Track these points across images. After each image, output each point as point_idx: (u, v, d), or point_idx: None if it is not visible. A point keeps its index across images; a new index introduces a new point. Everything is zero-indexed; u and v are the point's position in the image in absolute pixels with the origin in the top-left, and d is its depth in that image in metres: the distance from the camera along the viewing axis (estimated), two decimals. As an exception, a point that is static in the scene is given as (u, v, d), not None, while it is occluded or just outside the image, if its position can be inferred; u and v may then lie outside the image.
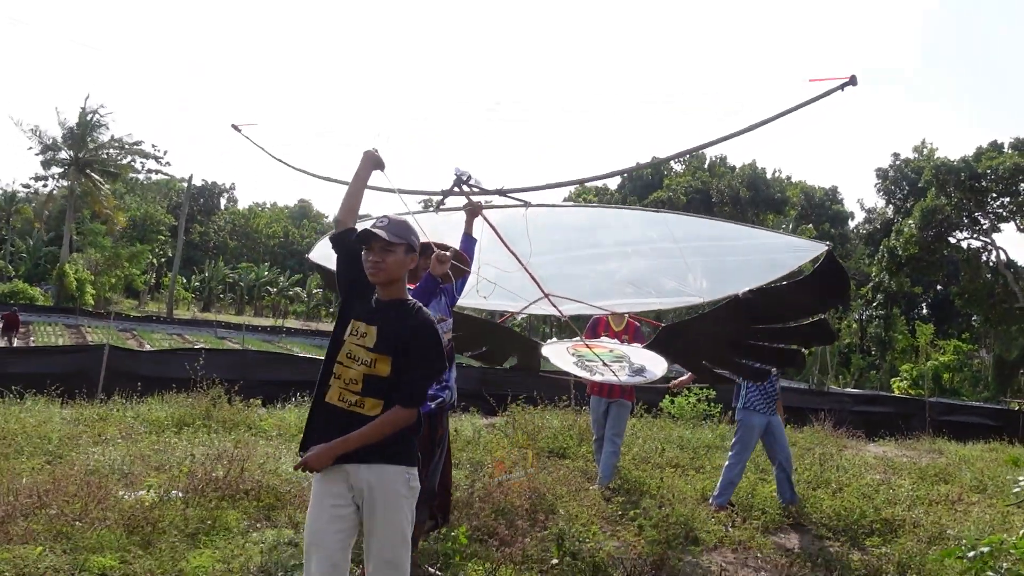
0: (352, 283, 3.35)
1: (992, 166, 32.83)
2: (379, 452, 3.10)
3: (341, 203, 3.53)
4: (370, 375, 3.12)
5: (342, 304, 3.36)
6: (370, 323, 3.17)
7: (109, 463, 6.68)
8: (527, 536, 4.88)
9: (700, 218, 7.11)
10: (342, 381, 3.16)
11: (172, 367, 12.72)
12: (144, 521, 5.00)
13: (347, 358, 3.17)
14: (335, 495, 3.11)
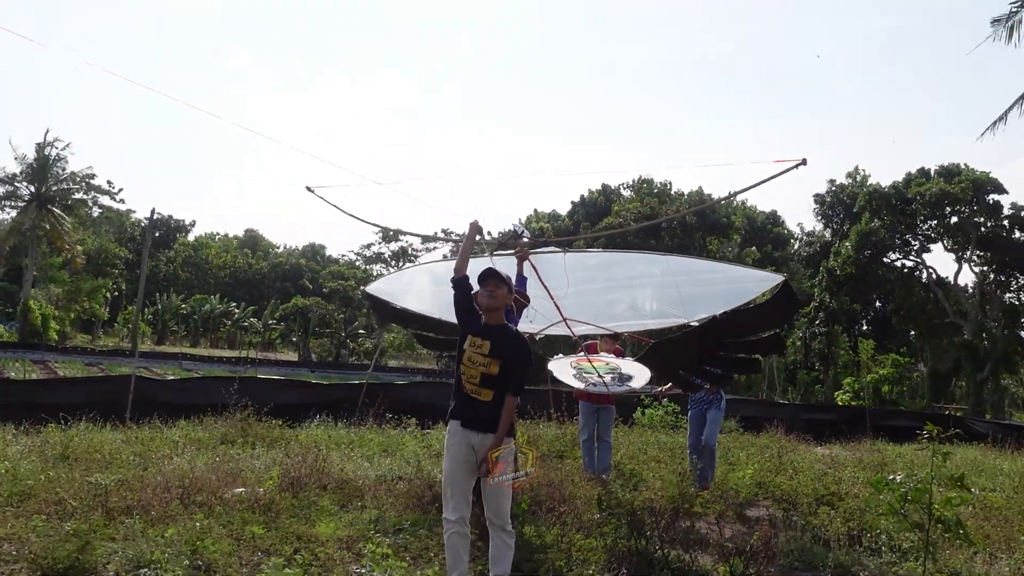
0: (468, 311, 4.90)
1: (920, 192, 35.46)
2: (489, 424, 4.68)
3: (458, 259, 5.11)
4: (485, 373, 4.70)
5: (461, 325, 4.92)
6: (484, 338, 4.75)
7: (194, 469, 8.00)
8: (565, 505, 6.41)
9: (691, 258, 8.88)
10: (466, 376, 4.72)
11: (192, 394, 13.98)
12: (264, 506, 6.40)
13: (468, 361, 4.75)
14: (465, 450, 4.71)
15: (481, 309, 4.86)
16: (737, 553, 5.72)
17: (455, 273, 5.04)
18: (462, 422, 4.76)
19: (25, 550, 5.16)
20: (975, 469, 12.16)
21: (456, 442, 4.76)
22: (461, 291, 4.97)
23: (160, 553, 5.00)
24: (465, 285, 4.97)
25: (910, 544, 6.17)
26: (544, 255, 6.51)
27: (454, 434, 4.79)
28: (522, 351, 4.78)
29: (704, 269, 7.53)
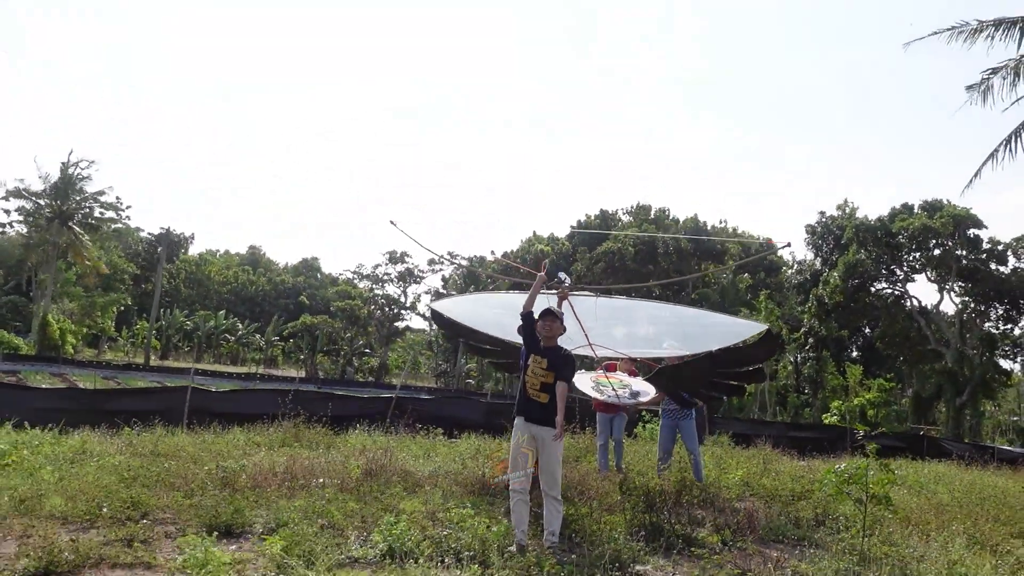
0: (531, 336, 6.65)
1: (904, 226, 37.44)
2: (544, 419, 6.40)
3: (527, 301, 6.84)
4: (544, 382, 6.44)
5: (526, 346, 6.68)
6: (543, 357, 6.51)
7: (276, 464, 9.64)
8: (592, 491, 8.12)
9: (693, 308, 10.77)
10: (530, 384, 6.46)
11: (242, 405, 15.64)
12: (351, 489, 8.07)
13: (531, 374, 6.50)
14: (527, 438, 6.42)
15: (540, 336, 6.63)
16: (727, 527, 7.44)
17: (524, 309, 6.79)
18: (525, 417, 6.53)
19: (185, 515, 6.85)
20: (936, 479, 13.81)
21: (521, 432, 6.50)
22: (527, 323, 6.72)
23: (295, 515, 6.69)
24: (530, 318, 6.72)
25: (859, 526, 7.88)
26: (580, 297, 8.41)
27: (519, 426, 6.54)
28: (568, 359, 6.61)
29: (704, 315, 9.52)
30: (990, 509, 9.92)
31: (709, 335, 9.58)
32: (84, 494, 7.09)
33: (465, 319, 10.10)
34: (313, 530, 6.21)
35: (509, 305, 9.09)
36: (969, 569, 6.43)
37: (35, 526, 6.11)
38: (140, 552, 5.75)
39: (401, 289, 64.63)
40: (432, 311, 10.87)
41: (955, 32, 18.48)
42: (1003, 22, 18.44)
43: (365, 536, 6.38)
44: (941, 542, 7.60)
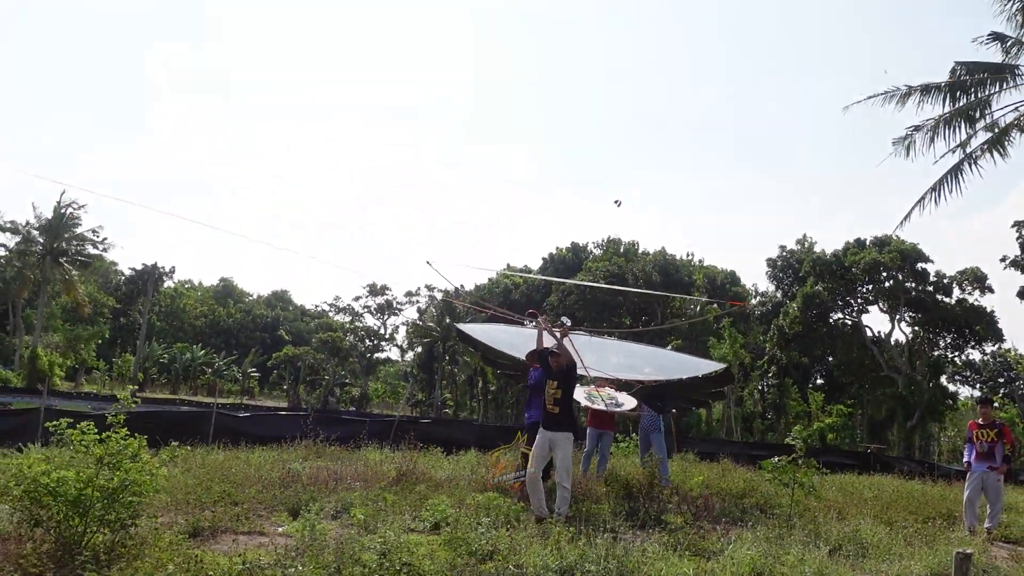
0: (545, 366, 8.77)
1: (856, 260, 40.20)
2: (559, 426, 8.50)
3: (537, 343, 8.97)
4: (555, 397, 8.54)
5: (544, 373, 8.82)
6: (554, 380, 8.62)
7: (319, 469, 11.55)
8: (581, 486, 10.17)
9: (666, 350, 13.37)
10: (547, 400, 8.58)
11: (260, 427, 17.52)
12: (386, 487, 10.03)
13: (547, 393, 8.59)
14: (545, 440, 8.50)
15: (552, 364, 8.79)
16: (688, 511, 9.52)
17: (537, 346, 9.00)
18: (544, 426, 8.63)
19: (268, 502, 8.79)
20: (872, 485, 15.95)
21: (541, 438, 8.61)
22: (541, 357, 8.90)
23: (356, 499, 8.66)
24: (545, 352, 8.89)
25: (791, 510, 10.00)
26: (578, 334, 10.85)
27: (541, 433, 8.65)
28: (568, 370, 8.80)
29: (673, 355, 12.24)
30: (905, 504, 12.09)
31: (681, 368, 12.05)
32: (181, 490, 8.99)
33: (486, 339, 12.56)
34: (375, 510, 8.19)
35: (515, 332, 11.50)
36: (868, 535, 8.54)
37: (171, 508, 8.02)
38: (251, 524, 7.70)
39: (380, 321, 66.40)
40: (458, 330, 13.91)
41: (888, 96, 21.00)
42: (930, 87, 21.01)
43: (415, 515, 8.37)
44: (853, 524, 9.72)
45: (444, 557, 6.27)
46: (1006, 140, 20.58)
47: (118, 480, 6.03)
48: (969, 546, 8.37)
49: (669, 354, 14.53)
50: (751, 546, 7.22)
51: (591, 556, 6.36)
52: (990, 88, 21.14)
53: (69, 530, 5.99)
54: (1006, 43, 21.00)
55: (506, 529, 7.39)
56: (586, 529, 7.80)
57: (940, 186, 20.94)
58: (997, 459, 10.87)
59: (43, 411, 17.06)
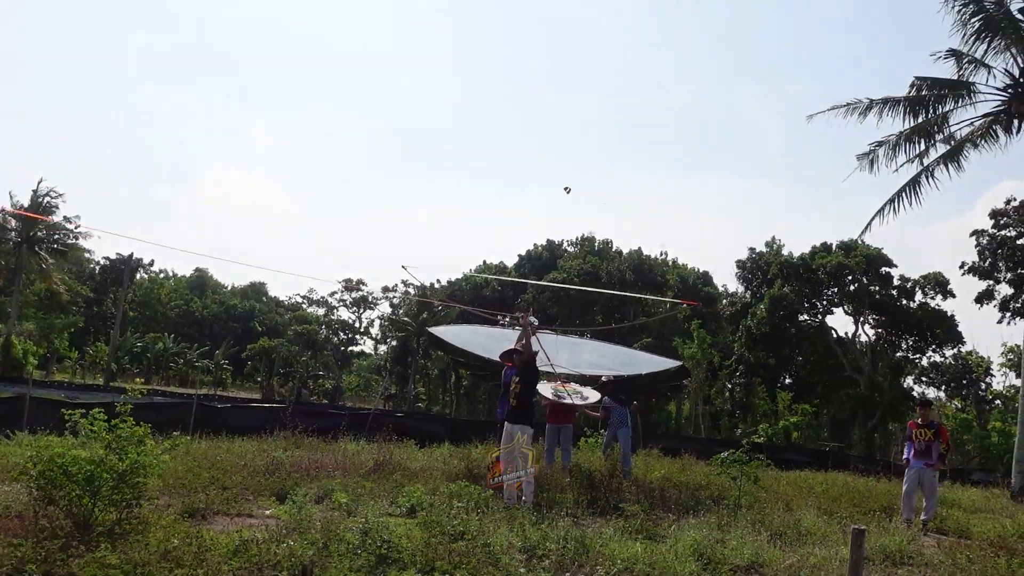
0: (512, 364, 9.50)
1: (823, 264, 41.35)
2: (516, 419, 9.28)
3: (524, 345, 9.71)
4: (515, 392, 9.29)
5: (512, 370, 9.55)
6: (518, 376, 9.38)
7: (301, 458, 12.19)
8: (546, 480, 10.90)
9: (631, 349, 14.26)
10: (512, 395, 9.32)
11: (241, 418, 18.08)
12: (364, 475, 10.70)
13: (513, 389, 9.31)
14: (509, 431, 9.27)
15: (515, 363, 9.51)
16: (646, 500, 10.28)
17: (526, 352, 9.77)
18: (508, 419, 9.33)
19: (255, 487, 9.43)
20: (825, 481, 16.81)
21: (507, 429, 9.33)
22: (508, 355, 9.61)
23: (337, 486, 9.33)
24: (511, 354, 9.61)
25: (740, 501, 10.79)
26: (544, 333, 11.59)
27: (506, 425, 9.36)
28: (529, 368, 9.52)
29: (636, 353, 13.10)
30: (851, 498, 12.94)
31: (640, 364, 12.83)
32: (172, 475, 9.60)
33: (455, 341, 13.20)
34: (355, 495, 8.87)
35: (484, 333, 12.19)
36: (808, 523, 9.34)
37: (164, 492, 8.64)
38: (240, 507, 8.35)
39: (356, 315, 66.81)
40: (428, 333, 14.48)
41: (850, 108, 21.94)
42: (889, 100, 21.97)
43: (392, 500, 9.06)
44: (798, 513, 10.53)
45: (420, 537, 6.95)
46: (960, 155, 21.59)
47: (128, 462, 6.66)
48: (901, 535, 9.22)
49: (634, 353, 15.59)
50: (696, 530, 7.97)
51: (552, 537, 7.08)
52: (948, 104, 22.14)
53: (80, 508, 6.60)
54: (962, 60, 21.94)
55: (476, 514, 8.07)
56: (549, 514, 8.52)
57: (899, 197, 21.93)
58: (933, 456, 11.75)
59: (28, 399, 17.56)
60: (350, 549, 6.38)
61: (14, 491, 7.93)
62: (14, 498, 7.60)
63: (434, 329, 15.76)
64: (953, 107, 21.93)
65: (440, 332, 14.98)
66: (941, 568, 7.95)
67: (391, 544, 6.53)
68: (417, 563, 6.30)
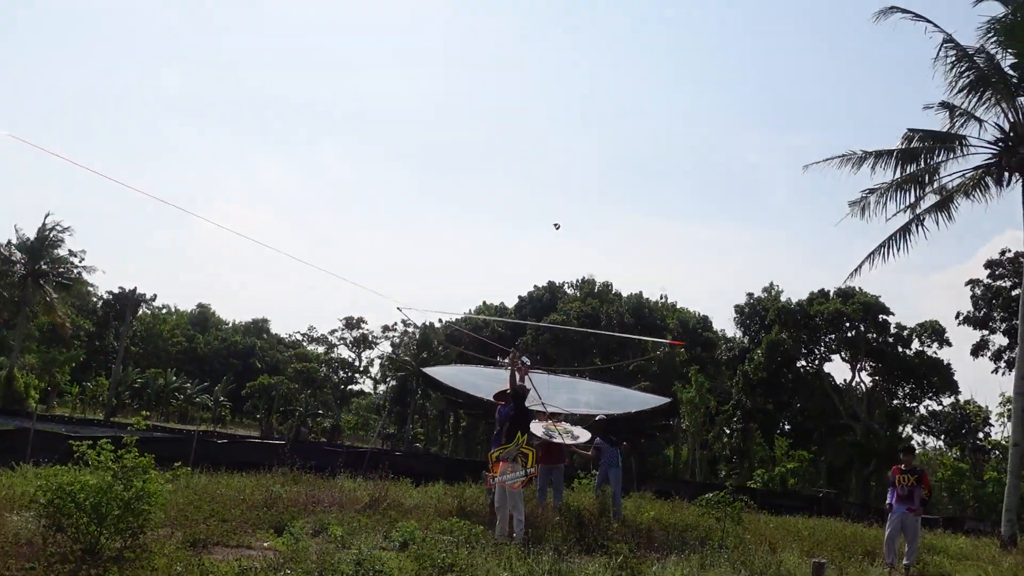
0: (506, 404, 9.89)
1: (820, 310, 41.79)
2: None
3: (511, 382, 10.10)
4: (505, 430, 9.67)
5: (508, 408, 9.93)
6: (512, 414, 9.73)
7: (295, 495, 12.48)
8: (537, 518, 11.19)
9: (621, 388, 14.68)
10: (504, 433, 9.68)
11: (240, 453, 18.36)
12: (359, 511, 11.00)
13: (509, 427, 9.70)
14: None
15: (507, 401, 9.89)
16: (632, 540, 10.56)
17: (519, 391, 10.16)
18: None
19: (253, 520, 9.74)
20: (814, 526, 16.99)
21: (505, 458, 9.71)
22: (502, 395, 9.99)
23: (333, 520, 9.63)
24: (505, 393, 10.00)
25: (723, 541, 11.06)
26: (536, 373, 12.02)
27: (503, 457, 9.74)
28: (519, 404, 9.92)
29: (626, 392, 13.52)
30: (836, 542, 13.19)
31: (630, 403, 13.15)
32: (174, 507, 9.91)
33: (449, 381, 13.61)
34: (350, 530, 9.18)
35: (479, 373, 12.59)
36: (790, 564, 9.62)
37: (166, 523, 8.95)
38: (240, 539, 8.67)
39: (356, 353, 67.09)
40: (423, 374, 14.81)
41: (844, 159, 22.53)
42: (883, 152, 22.55)
43: (386, 534, 9.37)
44: (782, 556, 10.80)
45: (411, 568, 7.27)
46: (951, 205, 22.11)
47: (134, 491, 7.00)
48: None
49: (626, 391, 16.14)
50: (677, 567, 8.27)
51: (537, 571, 7.39)
52: (940, 155, 22.71)
53: (87, 536, 6.93)
54: (954, 112, 22.53)
55: (465, 548, 8.38)
56: (536, 549, 8.82)
57: (889, 243, 22.41)
58: (916, 502, 12.04)
59: (33, 432, 17.89)
60: (343, 578, 6.69)
61: (23, 519, 8.25)
62: (23, 526, 7.91)
63: (428, 369, 16.29)
64: (945, 159, 22.50)
65: (434, 372, 15.49)
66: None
67: (383, 574, 6.85)
68: (407, 592, 6.62)
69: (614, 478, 13.63)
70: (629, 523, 12.32)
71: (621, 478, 13.86)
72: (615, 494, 13.44)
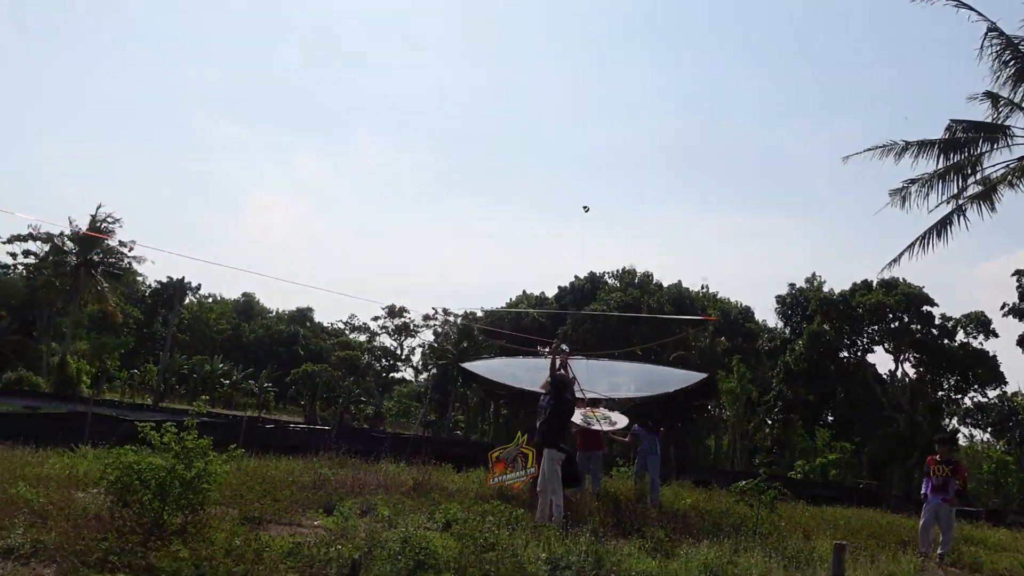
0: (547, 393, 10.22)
1: (863, 301, 41.44)
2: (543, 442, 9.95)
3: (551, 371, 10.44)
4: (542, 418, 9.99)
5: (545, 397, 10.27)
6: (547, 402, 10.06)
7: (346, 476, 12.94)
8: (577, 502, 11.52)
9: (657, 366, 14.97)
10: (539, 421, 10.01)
11: (287, 438, 18.94)
12: (404, 493, 11.41)
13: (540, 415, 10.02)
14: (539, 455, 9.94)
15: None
16: (669, 525, 10.84)
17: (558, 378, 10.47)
18: (538, 442, 9.99)
19: (303, 500, 10.19)
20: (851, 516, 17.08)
21: (537, 453, 10.00)
22: (544, 385, 10.32)
23: (379, 501, 10.05)
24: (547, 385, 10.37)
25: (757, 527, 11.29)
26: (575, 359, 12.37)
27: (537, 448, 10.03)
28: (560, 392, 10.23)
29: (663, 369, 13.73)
30: (872, 530, 13.32)
31: (669, 382, 13.48)
32: (228, 487, 10.40)
33: (487, 374, 13.96)
34: (396, 510, 9.58)
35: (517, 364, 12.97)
36: (823, 551, 9.82)
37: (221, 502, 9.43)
38: (291, 517, 9.12)
39: (397, 342, 67.90)
40: (462, 368, 15.14)
41: (885, 149, 22.36)
42: (925, 143, 22.35)
43: (430, 515, 9.76)
44: (815, 544, 10.99)
45: (454, 546, 7.63)
46: (994, 196, 21.86)
47: (195, 471, 7.45)
48: (908, 564, 9.68)
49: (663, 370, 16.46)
50: (709, 551, 8.54)
51: (574, 551, 7.72)
52: (983, 146, 22.46)
53: (151, 511, 7.40)
54: (999, 103, 22.26)
55: (506, 529, 8.73)
56: (574, 531, 9.16)
57: (930, 235, 22.23)
58: (950, 492, 12.15)
59: (90, 416, 18.64)
60: (391, 555, 7.08)
61: (89, 496, 8.77)
62: (90, 502, 8.42)
63: (467, 364, 16.74)
64: (988, 150, 22.23)
65: (473, 367, 15.88)
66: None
67: (428, 551, 7.22)
68: (451, 569, 6.98)
69: (652, 466, 13.91)
70: (666, 510, 12.58)
71: (659, 466, 14.11)
72: (653, 481, 13.73)
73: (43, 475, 10.35)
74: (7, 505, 7.87)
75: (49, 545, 6.54)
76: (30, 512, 7.63)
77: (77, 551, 6.29)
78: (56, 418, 21.02)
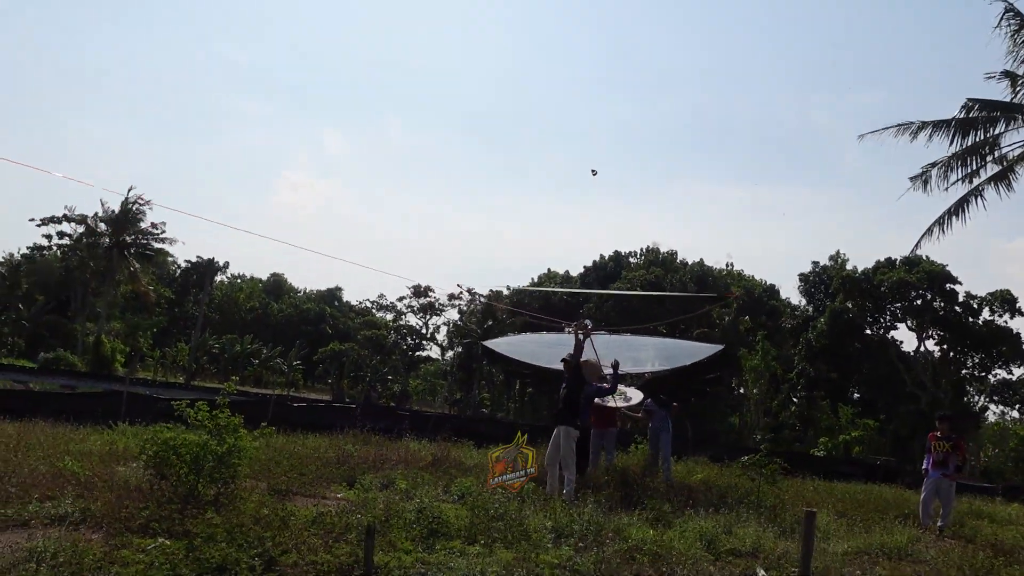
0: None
1: (885, 279, 41.48)
2: (560, 420, 10.50)
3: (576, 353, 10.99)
4: (561, 395, 10.55)
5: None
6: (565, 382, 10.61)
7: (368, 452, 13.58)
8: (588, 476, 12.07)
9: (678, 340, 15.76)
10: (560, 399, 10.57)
11: (314, 416, 19.63)
12: (423, 468, 12.02)
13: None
14: (554, 431, 10.52)
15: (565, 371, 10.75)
16: (676, 498, 11.35)
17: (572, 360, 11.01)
18: (555, 420, 10.54)
19: (328, 475, 10.83)
20: (860, 491, 17.50)
21: (555, 430, 10.55)
22: (565, 365, 10.84)
23: (399, 476, 10.66)
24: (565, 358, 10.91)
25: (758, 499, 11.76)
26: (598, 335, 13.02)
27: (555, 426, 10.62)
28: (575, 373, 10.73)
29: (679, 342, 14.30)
30: (875, 504, 13.76)
31: (683, 355, 14.07)
32: (256, 462, 11.05)
33: (509, 352, 14.58)
34: (414, 484, 10.19)
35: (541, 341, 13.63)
36: (822, 523, 10.29)
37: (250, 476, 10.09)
38: (315, 490, 9.75)
39: (423, 321, 68.74)
40: (484, 347, 15.79)
41: (901, 129, 22.53)
42: (941, 123, 22.49)
43: (445, 488, 10.36)
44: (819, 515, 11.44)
45: (466, 516, 8.22)
46: (1011, 175, 21.99)
47: (227, 446, 8.08)
48: (904, 535, 10.13)
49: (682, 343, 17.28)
50: (707, 521, 9.05)
51: (577, 520, 8.28)
52: (1000, 126, 22.56)
53: (186, 484, 8.03)
54: (1017, 81, 22.32)
55: (516, 502, 9.31)
56: (580, 502, 9.72)
57: (948, 217, 22.43)
58: (950, 468, 12.56)
59: (126, 395, 19.44)
60: (407, 523, 7.68)
61: (129, 470, 9.45)
62: (130, 475, 9.10)
63: (488, 342, 17.13)
64: (1004, 129, 22.33)
65: (494, 344, 16.32)
66: (932, 563, 8.86)
67: (441, 520, 7.81)
68: (462, 536, 7.57)
69: (664, 442, 14.33)
70: (676, 484, 13.09)
71: (671, 441, 14.57)
72: (665, 457, 14.19)
73: (86, 450, 11.06)
74: (56, 477, 8.57)
75: (96, 513, 7.21)
76: (77, 484, 8.32)
77: (121, 518, 6.94)
78: (94, 397, 21.84)
